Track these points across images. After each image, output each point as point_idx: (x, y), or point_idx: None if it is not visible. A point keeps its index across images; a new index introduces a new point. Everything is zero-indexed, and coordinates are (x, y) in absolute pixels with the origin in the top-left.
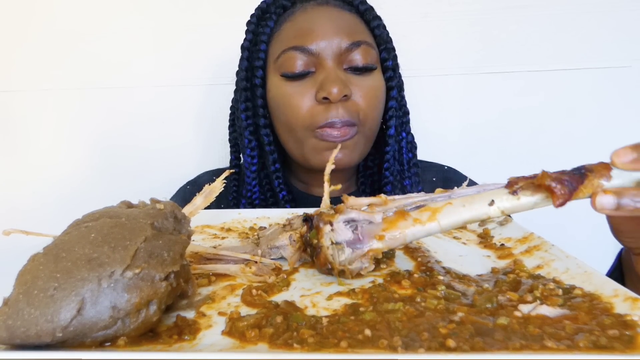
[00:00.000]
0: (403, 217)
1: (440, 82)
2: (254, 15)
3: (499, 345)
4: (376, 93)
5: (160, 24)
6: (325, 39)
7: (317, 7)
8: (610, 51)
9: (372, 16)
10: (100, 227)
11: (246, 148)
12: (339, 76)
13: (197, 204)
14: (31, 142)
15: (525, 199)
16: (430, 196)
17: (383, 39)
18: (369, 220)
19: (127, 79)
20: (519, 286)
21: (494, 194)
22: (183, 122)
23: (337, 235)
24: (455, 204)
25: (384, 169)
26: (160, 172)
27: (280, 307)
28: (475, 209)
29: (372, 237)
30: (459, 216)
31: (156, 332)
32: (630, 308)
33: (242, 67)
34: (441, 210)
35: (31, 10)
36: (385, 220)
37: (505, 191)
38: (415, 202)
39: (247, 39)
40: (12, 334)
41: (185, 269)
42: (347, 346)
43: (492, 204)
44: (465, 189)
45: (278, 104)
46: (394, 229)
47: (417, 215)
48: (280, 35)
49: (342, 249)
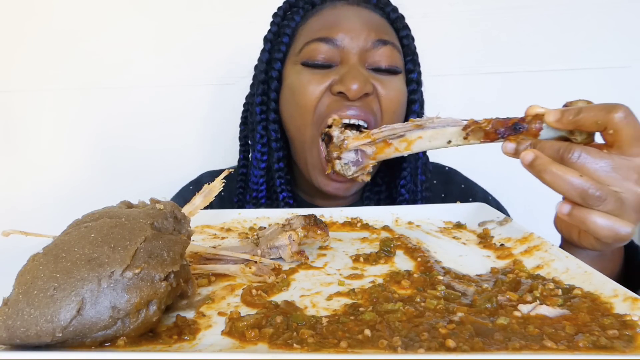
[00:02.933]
0: (388, 146)
1: (440, 82)
2: (281, 8)
3: (498, 345)
4: (398, 96)
5: (162, 25)
6: (351, 34)
7: (347, 6)
8: (611, 51)
9: (402, 25)
10: (100, 227)
11: (257, 143)
12: (362, 72)
13: (196, 204)
14: (31, 142)
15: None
16: (407, 128)
17: (411, 49)
18: (364, 151)
19: (127, 80)
20: (518, 286)
21: (452, 135)
22: (184, 123)
23: (344, 160)
24: (425, 138)
25: (400, 186)
26: (160, 173)
27: (280, 307)
28: (438, 144)
29: (368, 158)
30: (425, 147)
31: (156, 332)
32: (630, 308)
33: (263, 59)
34: (414, 142)
35: (31, 10)
36: (376, 147)
37: (460, 132)
38: (396, 132)
39: (272, 31)
40: (12, 334)
41: (185, 269)
42: (347, 346)
43: (449, 142)
44: (434, 123)
45: (291, 91)
46: (381, 154)
47: (397, 144)
48: (305, 29)
49: (349, 168)
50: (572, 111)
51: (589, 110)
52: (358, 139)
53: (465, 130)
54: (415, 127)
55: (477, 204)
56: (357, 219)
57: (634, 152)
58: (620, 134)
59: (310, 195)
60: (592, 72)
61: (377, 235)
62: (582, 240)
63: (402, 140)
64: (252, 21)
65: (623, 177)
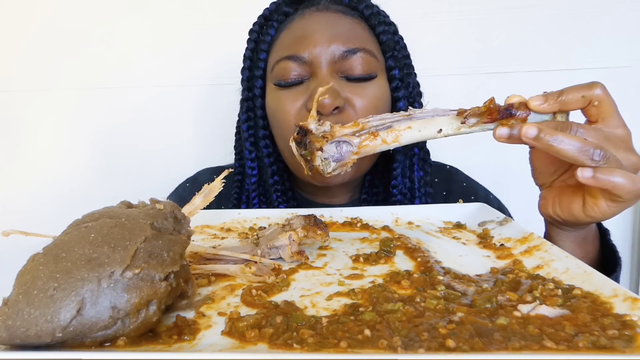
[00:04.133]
0: (375, 137)
1: (440, 83)
2: (256, 23)
3: (498, 346)
4: (376, 103)
5: (160, 25)
6: (319, 46)
7: (316, 13)
8: (610, 51)
9: (378, 21)
10: (100, 227)
11: (247, 160)
12: (332, 86)
13: (196, 204)
14: (31, 142)
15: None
16: (396, 117)
17: (389, 45)
18: (348, 142)
19: (127, 79)
20: (518, 286)
21: (443, 123)
22: (183, 122)
23: (324, 154)
24: (414, 128)
25: (392, 187)
26: (160, 172)
27: (280, 307)
28: (428, 134)
29: (350, 152)
30: (415, 138)
31: (156, 332)
32: (629, 308)
33: (244, 77)
34: (402, 133)
35: (31, 10)
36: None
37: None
38: (386, 122)
39: (249, 48)
40: (12, 334)
41: (185, 269)
42: (347, 346)
43: (440, 131)
44: (423, 112)
45: (272, 112)
46: (366, 147)
47: (384, 135)
48: (277, 45)
49: (328, 163)
50: (554, 94)
51: (570, 90)
52: (346, 127)
53: (460, 115)
54: (403, 117)
55: (477, 204)
56: (357, 219)
57: (615, 123)
58: (604, 105)
59: (309, 193)
60: (592, 72)
61: (377, 235)
62: (589, 210)
63: (389, 131)
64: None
65: (615, 148)
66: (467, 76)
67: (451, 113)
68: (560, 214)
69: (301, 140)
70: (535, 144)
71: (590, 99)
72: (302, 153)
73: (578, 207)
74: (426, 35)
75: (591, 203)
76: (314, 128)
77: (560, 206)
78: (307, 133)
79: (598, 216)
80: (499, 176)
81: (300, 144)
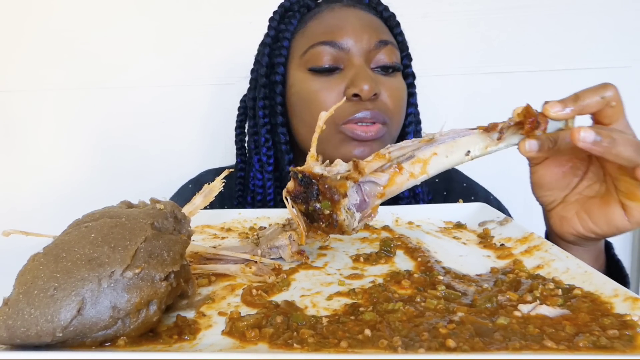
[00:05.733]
0: (400, 173)
1: (440, 83)
2: (276, 12)
3: (498, 345)
4: (401, 94)
5: (162, 25)
6: (355, 36)
7: (345, 8)
8: (611, 51)
9: (395, 23)
10: (100, 227)
11: (262, 147)
12: (370, 74)
13: (196, 204)
14: (31, 142)
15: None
16: (417, 145)
17: (405, 45)
18: (374, 181)
19: (127, 80)
20: (518, 286)
21: (469, 143)
22: (184, 123)
23: (349, 202)
24: (440, 154)
25: None
26: (160, 173)
27: (280, 307)
28: (456, 159)
29: (375, 196)
30: (443, 165)
31: (156, 332)
32: (630, 308)
33: (263, 63)
34: (429, 162)
35: (31, 10)
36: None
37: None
38: (407, 152)
39: (270, 35)
40: (12, 334)
41: (185, 269)
42: (347, 346)
43: (468, 153)
44: (444, 136)
45: (303, 100)
46: (392, 186)
47: (410, 168)
48: (306, 32)
49: (352, 215)
50: (570, 99)
51: (587, 93)
52: (371, 160)
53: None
54: (424, 142)
55: (477, 204)
56: None
57: (625, 124)
58: (620, 105)
59: None
60: (592, 72)
61: (377, 235)
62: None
63: (414, 162)
64: (252, 21)
65: None
66: (467, 76)
67: (474, 132)
68: (596, 229)
69: (300, 193)
70: (594, 148)
71: (608, 101)
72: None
73: (619, 216)
74: (426, 35)
75: (635, 208)
76: (320, 171)
77: (594, 220)
78: (313, 180)
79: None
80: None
81: (297, 198)
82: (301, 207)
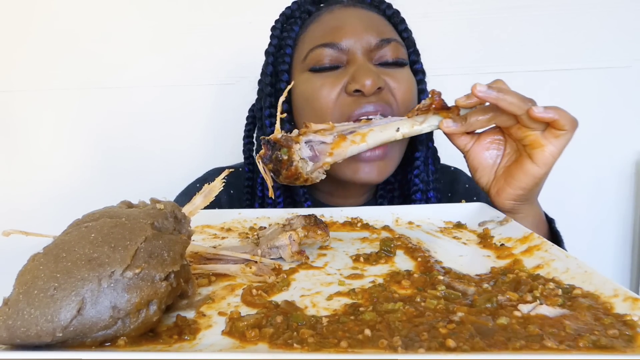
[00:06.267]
0: (344, 139)
1: (440, 83)
2: (278, 21)
3: (499, 345)
4: (409, 86)
5: (162, 25)
6: (355, 36)
7: (345, 8)
8: (611, 51)
9: (400, 19)
10: (101, 227)
11: None
12: (372, 68)
13: (196, 204)
14: (31, 142)
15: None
16: (358, 125)
17: (411, 41)
18: (322, 140)
19: (128, 80)
20: (518, 286)
21: (399, 124)
22: (184, 123)
23: (302, 153)
24: (376, 130)
25: (414, 176)
26: (160, 173)
27: (280, 307)
28: (388, 133)
29: (324, 153)
30: (379, 138)
31: (156, 332)
32: (630, 308)
33: (267, 72)
34: (367, 134)
35: (33, 10)
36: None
37: (405, 121)
38: (349, 128)
39: (272, 44)
40: (12, 334)
41: (185, 269)
42: (347, 346)
43: (398, 130)
44: (381, 120)
45: (305, 99)
46: (338, 148)
47: (352, 138)
48: (307, 37)
49: (306, 162)
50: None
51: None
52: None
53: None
54: (363, 123)
55: (477, 204)
56: (357, 218)
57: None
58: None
59: (326, 193)
60: (592, 72)
61: (378, 235)
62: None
63: (355, 134)
64: (252, 21)
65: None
66: (467, 76)
67: (404, 118)
68: (520, 184)
69: (269, 155)
70: (489, 96)
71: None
72: (279, 154)
73: (530, 166)
74: (426, 35)
75: (538, 153)
76: (282, 135)
77: (517, 179)
78: (277, 144)
79: (549, 159)
80: None
81: (266, 160)
82: (269, 167)
